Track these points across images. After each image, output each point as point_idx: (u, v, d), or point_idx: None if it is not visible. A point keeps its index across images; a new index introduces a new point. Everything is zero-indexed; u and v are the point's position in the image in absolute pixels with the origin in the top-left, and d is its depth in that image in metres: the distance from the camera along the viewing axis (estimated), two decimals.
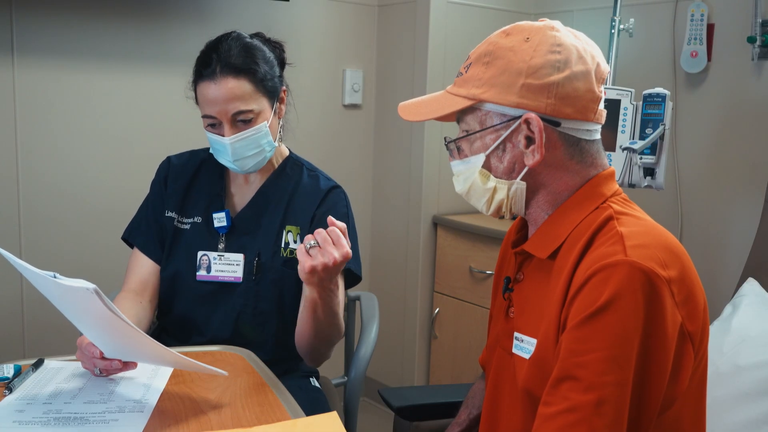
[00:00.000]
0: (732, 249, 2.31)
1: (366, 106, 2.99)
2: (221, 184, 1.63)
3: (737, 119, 2.33)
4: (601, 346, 0.94)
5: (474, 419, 1.36)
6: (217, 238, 1.58)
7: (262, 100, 1.51)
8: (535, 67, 1.05)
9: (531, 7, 2.97)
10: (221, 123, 1.48)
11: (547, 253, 1.09)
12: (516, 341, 1.12)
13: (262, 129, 1.50)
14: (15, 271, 2.28)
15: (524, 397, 1.09)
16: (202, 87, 1.48)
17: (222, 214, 1.58)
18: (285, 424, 1.11)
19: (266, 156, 1.54)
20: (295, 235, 1.59)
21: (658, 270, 0.96)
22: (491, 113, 1.09)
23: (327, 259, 1.23)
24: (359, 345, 1.76)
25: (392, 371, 3.02)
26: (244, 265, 1.56)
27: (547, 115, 1.06)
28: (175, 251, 1.59)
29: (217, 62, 1.47)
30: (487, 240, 2.60)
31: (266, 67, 1.52)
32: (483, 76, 1.09)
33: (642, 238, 1.00)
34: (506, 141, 1.09)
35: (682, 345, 0.98)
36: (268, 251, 1.57)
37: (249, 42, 1.53)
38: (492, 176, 1.11)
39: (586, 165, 1.10)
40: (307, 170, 1.66)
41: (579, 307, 0.98)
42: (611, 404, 0.93)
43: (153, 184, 1.67)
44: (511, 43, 1.08)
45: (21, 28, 2.19)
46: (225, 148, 1.49)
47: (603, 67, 1.10)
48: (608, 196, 1.09)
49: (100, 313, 1.09)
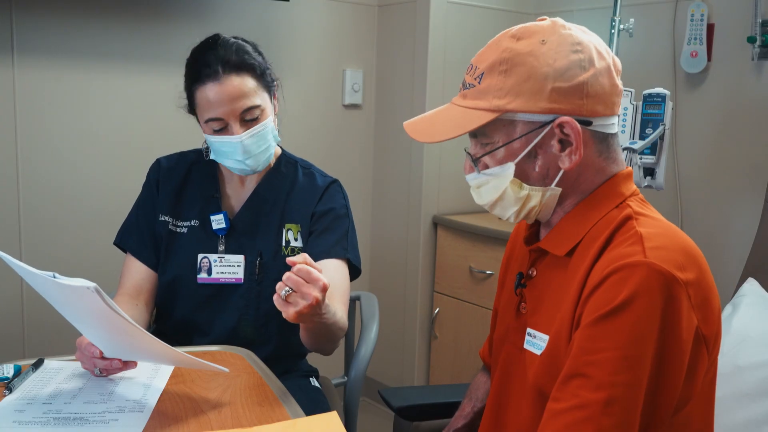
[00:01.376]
0: (732, 249, 2.31)
1: (366, 106, 2.99)
2: (215, 185, 1.61)
3: (737, 119, 2.33)
4: (615, 346, 0.94)
5: (478, 412, 1.36)
6: (216, 241, 1.58)
7: (264, 95, 1.51)
8: (562, 69, 1.03)
9: (531, 7, 2.97)
10: (227, 125, 1.47)
11: (564, 251, 1.08)
12: (528, 337, 1.12)
13: (269, 124, 1.51)
14: (15, 272, 2.28)
15: (534, 393, 1.08)
16: (203, 90, 1.46)
17: (220, 216, 1.57)
18: (285, 424, 1.11)
19: (271, 153, 1.54)
20: (295, 233, 1.58)
21: (676, 273, 0.95)
22: (519, 122, 1.05)
23: (308, 300, 1.15)
24: (359, 345, 1.76)
25: (392, 371, 3.02)
26: (245, 266, 1.56)
27: (580, 116, 1.04)
28: (172, 255, 1.59)
29: (217, 62, 1.45)
30: (487, 240, 2.60)
31: (263, 63, 1.53)
32: (504, 85, 1.04)
33: (661, 240, 0.99)
34: (537, 147, 1.06)
35: (697, 348, 0.98)
36: (270, 251, 1.57)
37: (240, 41, 1.53)
38: (525, 185, 1.08)
39: (611, 161, 1.09)
40: (301, 168, 1.66)
41: (594, 305, 0.97)
42: (621, 404, 0.93)
43: (144, 187, 1.66)
44: (528, 47, 1.04)
45: (21, 28, 2.19)
46: (235, 147, 1.47)
47: (617, 60, 1.10)
48: (627, 196, 1.09)
49: (101, 312, 1.09)
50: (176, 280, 1.57)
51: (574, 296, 1.02)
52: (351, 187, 3.00)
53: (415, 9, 2.77)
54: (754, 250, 1.91)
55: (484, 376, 1.42)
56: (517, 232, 1.29)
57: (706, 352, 0.99)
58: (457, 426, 1.37)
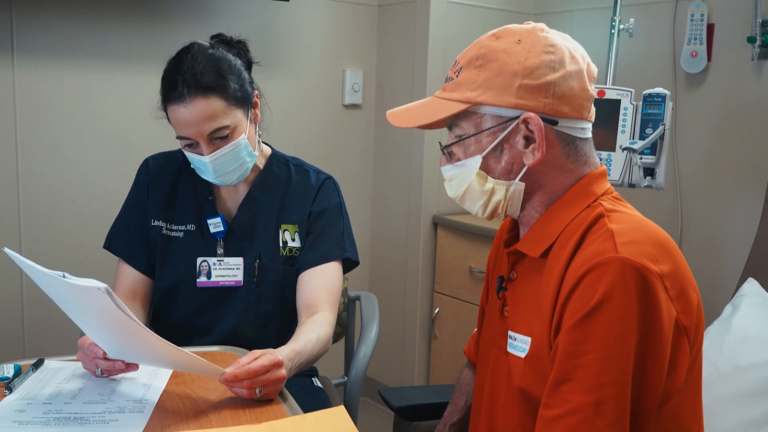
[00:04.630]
0: (732, 249, 2.31)
1: (366, 106, 2.99)
2: (209, 187, 1.59)
3: (737, 119, 2.33)
4: (598, 346, 0.95)
5: (470, 406, 1.37)
6: (214, 244, 1.57)
7: (236, 112, 1.46)
8: (531, 68, 1.06)
9: (531, 7, 2.97)
10: (198, 143, 1.44)
11: (539, 252, 1.10)
12: (510, 340, 1.13)
13: (241, 142, 1.46)
14: (15, 271, 2.29)
15: (519, 396, 1.09)
16: (172, 110, 1.44)
17: (218, 219, 1.56)
18: (294, 419, 1.12)
19: (248, 168, 1.51)
20: (292, 233, 1.58)
21: (649, 265, 0.96)
22: (487, 115, 1.09)
23: (275, 386, 1.19)
24: (359, 345, 1.76)
25: (392, 371, 3.03)
26: (244, 268, 1.56)
27: (545, 115, 1.07)
28: (170, 260, 1.57)
29: (183, 84, 1.40)
30: (487, 240, 2.60)
31: (235, 79, 1.46)
32: (477, 79, 1.09)
33: (633, 235, 1.00)
34: (503, 142, 1.09)
35: (678, 339, 0.99)
36: (268, 252, 1.57)
37: (212, 54, 1.45)
38: (490, 177, 1.11)
39: (580, 164, 1.11)
40: (293, 166, 1.64)
41: (573, 307, 0.98)
42: (611, 403, 0.94)
43: (133, 190, 1.63)
44: (503, 45, 1.09)
45: (21, 28, 2.19)
46: (206, 166, 1.46)
47: (592, 66, 1.12)
48: (599, 195, 1.10)
49: (110, 313, 1.09)
50: (175, 285, 1.56)
51: (551, 298, 1.03)
52: (351, 187, 3.02)
53: (415, 9, 2.77)
54: (754, 250, 1.92)
55: (470, 372, 1.43)
56: (500, 234, 1.30)
57: (687, 343, 1.00)
58: (452, 420, 1.38)
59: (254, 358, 1.18)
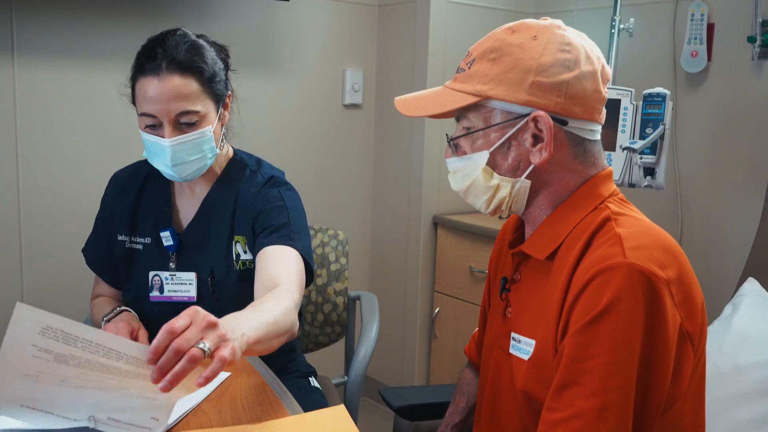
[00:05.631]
0: (732, 249, 2.31)
1: (366, 106, 2.99)
2: (166, 198, 1.54)
3: (737, 119, 2.33)
4: (604, 351, 0.94)
5: (472, 407, 1.37)
6: (167, 257, 1.51)
7: (208, 102, 1.42)
8: (546, 65, 1.04)
9: (531, 7, 2.97)
10: (161, 123, 1.38)
11: (545, 254, 1.09)
12: (513, 341, 1.12)
13: (206, 133, 1.41)
14: (15, 271, 2.29)
15: (522, 398, 1.09)
16: (143, 83, 1.38)
17: (167, 233, 1.50)
18: (294, 419, 1.12)
19: (207, 163, 1.45)
20: (243, 245, 1.50)
21: (657, 271, 0.96)
22: (497, 110, 1.08)
23: (215, 334, 1.00)
24: (359, 345, 1.76)
25: (392, 371, 3.03)
26: (198, 284, 1.50)
27: (555, 114, 1.06)
28: (132, 274, 1.54)
29: (162, 57, 1.37)
30: (487, 240, 2.60)
31: (214, 68, 1.43)
32: (489, 72, 1.07)
33: (640, 239, 0.99)
34: (511, 139, 1.08)
35: (682, 345, 0.98)
36: (221, 267, 1.50)
37: (196, 40, 1.44)
38: (496, 174, 1.10)
39: (588, 165, 1.10)
40: (249, 170, 1.55)
41: (580, 311, 0.98)
42: (615, 408, 0.94)
43: (102, 204, 1.62)
44: (519, 40, 1.07)
45: (21, 28, 2.19)
46: (163, 150, 1.38)
47: (607, 68, 1.11)
48: (606, 197, 1.09)
49: None
50: (135, 300, 1.53)
51: (558, 301, 1.02)
52: (351, 187, 3.02)
53: (415, 9, 2.77)
54: (754, 250, 1.92)
55: (471, 372, 1.42)
56: (503, 234, 1.30)
57: (691, 349, 1.00)
58: (454, 421, 1.37)
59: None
